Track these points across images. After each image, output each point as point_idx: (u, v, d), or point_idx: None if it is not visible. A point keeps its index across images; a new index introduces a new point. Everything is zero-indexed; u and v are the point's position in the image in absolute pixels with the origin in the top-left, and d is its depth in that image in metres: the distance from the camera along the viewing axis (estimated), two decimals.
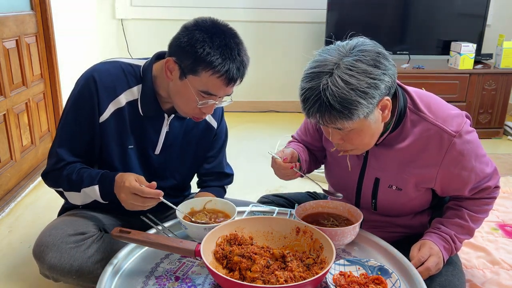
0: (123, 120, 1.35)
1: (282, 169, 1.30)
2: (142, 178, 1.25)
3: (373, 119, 1.16)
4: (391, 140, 1.29)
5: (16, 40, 2.41)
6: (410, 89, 1.31)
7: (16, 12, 2.45)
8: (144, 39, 3.92)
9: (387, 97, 1.16)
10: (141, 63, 1.39)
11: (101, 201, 1.32)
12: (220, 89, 1.26)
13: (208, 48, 1.20)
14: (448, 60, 3.60)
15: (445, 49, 3.59)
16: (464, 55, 3.40)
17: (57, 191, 1.42)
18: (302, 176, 1.35)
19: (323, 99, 1.09)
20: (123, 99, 1.34)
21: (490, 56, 3.65)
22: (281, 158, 1.29)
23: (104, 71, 1.34)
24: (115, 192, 1.26)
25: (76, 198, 1.36)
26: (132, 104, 1.36)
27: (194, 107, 1.29)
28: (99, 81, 1.31)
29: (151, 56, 1.39)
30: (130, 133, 1.37)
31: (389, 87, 1.14)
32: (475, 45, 3.42)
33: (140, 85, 1.36)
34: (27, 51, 2.53)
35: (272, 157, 1.31)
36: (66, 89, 2.96)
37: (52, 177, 1.38)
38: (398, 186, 1.32)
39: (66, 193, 1.37)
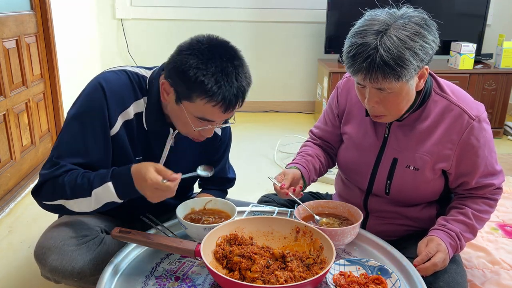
0: (132, 133, 1.31)
1: (280, 194, 1.34)
2: (161, 166, 1.17)
3: (412, 84, 1.21)
4: (413, 120, 1.33)
5: (16, 40, 2.41)
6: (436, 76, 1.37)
7: (16, 12, 2.45)
8: (144, 39, 3.92)
9: (427, 66, 1.21)
10: (148, 73, 1.33)
11: (118, 200, 1.21)
12: (217, 116, 1.20)
13: (202, 76, 1.13)
14: (448, 60, 3.60)
15: (445, 49, 3.59)
16: (464, 55, 3.40)
17: (53, 206, 1.27)
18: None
19: (376, 56, 1.12)
20: (131, 111, 1.29)
21: (490, 56, 3.66)
22: (280, 182, 1.32)
23: (112, 80, 1.28)
24: (137, 187, 1.17)
25: (84, 204, 1.23)
26: (139, 116, 1.31)
27: (192, 130, 1.25)
28: (109, 92, 1.25)
29: (151, 56, 1.38)
30: (138, 145, 1.34)
31: (431, 56, 1.19)
32: (475, 45, 3.43)
33: (146, 98, 1.31)
34: (27, 51, 2.53)
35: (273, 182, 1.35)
36: (66, 89, 2.97)
37: (49, 188, 1.25)
38: (415, 167, 1.33)
39: (69, 202, 1.23)
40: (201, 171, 1.34)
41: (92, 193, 1.20)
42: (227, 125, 1.31)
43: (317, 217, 1.35)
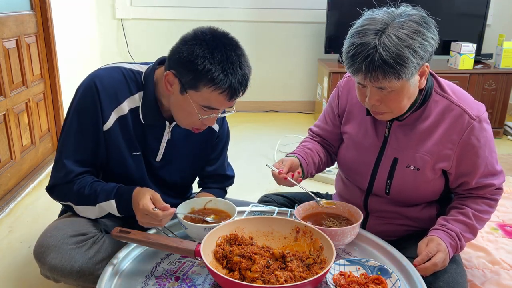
0: (127, 128, 1.33)
1: (278, 180, 1.34)
2: (157, 196, 1.24)
3: (413, 82, 1.21)
4: (414, 119, 1.33)
5: (16, 40, 2.41)
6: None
7: (16, 12, 2.45)
8: (144, 39, 3.92)
9: (427, 64, 1.21)
10: (143, 68, 1.36)
11: (118, 215, 1.31)
12: (222, 104, 1.24)
13: (209, 64, 1.16)
14: (448, 60, 3.60)
15: (445, 49, 3.59)
16: (464, 55, 3.40)
17: (64, 205, 1.39)
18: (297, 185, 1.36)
19: (376, 55, 1.12)
20: (125, 107, 1.32)
21: (490, 56, 3.66)
22: (278, 169, 1.32)
23: (105, 77, 1.31)
24: (133, 209, 1.26)
25: (89, 212, 1.34)
26: (134, 111, 1.33)
27: (195, 120, 1.27)
28: (101, 88, 1.28)
29: (151, 56, 1.38)
30: (134, 140, 1.36)
31: (431, 53, 1.19)
32: (475, 45, 3.43)
33: (142, 92, 1.33)
34: (27, 51, 2.53)
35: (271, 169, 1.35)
36: (66, 89, 2.97)
37: (60, 191, 1.35)
38: (416, 166, 1.33)
39: (76, 207, 1.34)
40: (209, 218, 1.35)
41: (97, 205, 1.31)
42: (228, 114, 1.33)
43: (317, 198, 1.36)
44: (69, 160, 1.31)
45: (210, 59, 1.17)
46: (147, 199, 1.22)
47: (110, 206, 1.30)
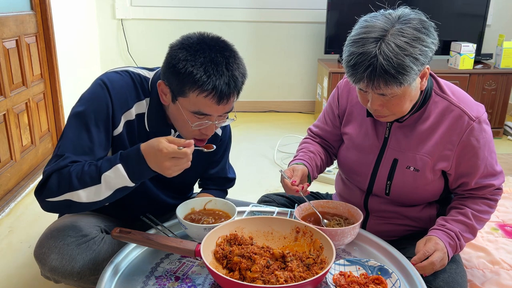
0: (133, 133, 1.31)
1: (288, 190, 1.33)
2: (172, 137, 1.12)
3: (414, 86, 1.22)
4: (414, 120, 1.33)
5: (16, 40, 2.41)
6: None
7: (16, 12, 2.45)
8: (144, 39, 3.92)
9: (427, 66, 1.21)
10: (150, 74, 1.33)
11: (130, 184, 1.15)
12: (212, 108, 1.18)
13: (190, 66, 1.13)
14: (448, 60, 3.60)
15: (445, 49, 3.60)
16: (464, 55, 3.40)
17: (58, 204, 1.19)
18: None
19: (377, 64, 1.12)
20: (133, 112, 1.29)
21: (490, 56, 3.66)
22: (290, 178, 1.32)
23: (115, 80, 1.27)
24: (152, 163, 1.11)
25: (94, 192, 1.15)
26: (140, 117, 1.31)
27: (191, 129, 1.23)
28: (113, 92, 1.25)
29: (151, 56, 1.37)
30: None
31: (431, 57, 1.20)
32: (475, 45, 3.43)
33: (148, 99, 1.30)
34: (27, 51, 2.53)
35: (281, 175, 1.34)
36: (66, 89, 2.97)
37: (53, 182, 1.16)
38: (416, 167, 1.34)
39: (78, 193, 1.15)
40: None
41: (102, 178, 1.14)
42: (228, 122, 1.29)
43: (325, 220, 1.35)
44: (66, 151, 1.20)
45: (192, 61, 1.13)
46: (165, 143, 1.10)
47: (118, 174, 1.13)
